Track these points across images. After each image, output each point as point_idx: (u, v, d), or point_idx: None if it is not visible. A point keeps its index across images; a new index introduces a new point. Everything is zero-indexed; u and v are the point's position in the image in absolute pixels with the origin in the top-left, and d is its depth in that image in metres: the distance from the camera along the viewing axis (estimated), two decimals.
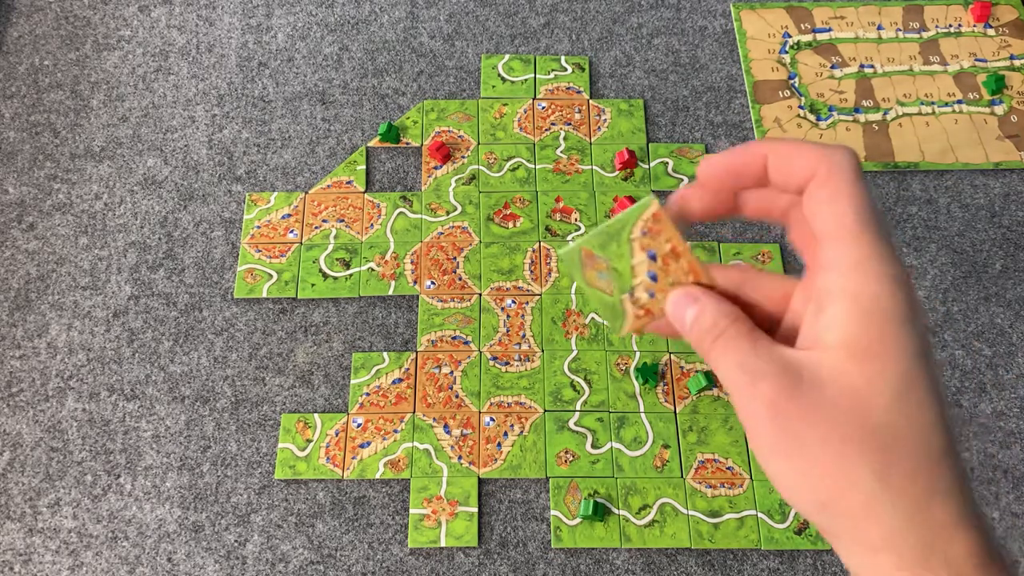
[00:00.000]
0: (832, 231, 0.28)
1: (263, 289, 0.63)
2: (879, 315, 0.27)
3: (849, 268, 0.27)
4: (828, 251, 0.28)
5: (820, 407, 0.27)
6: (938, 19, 0.75)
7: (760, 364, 0.28)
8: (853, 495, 0.26)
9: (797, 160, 0.29)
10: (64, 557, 0.55)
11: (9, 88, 0.72)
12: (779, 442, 0.27)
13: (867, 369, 0.27)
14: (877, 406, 0.26)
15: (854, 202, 0.28)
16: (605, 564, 0.54)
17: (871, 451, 0.26)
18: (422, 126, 0.70)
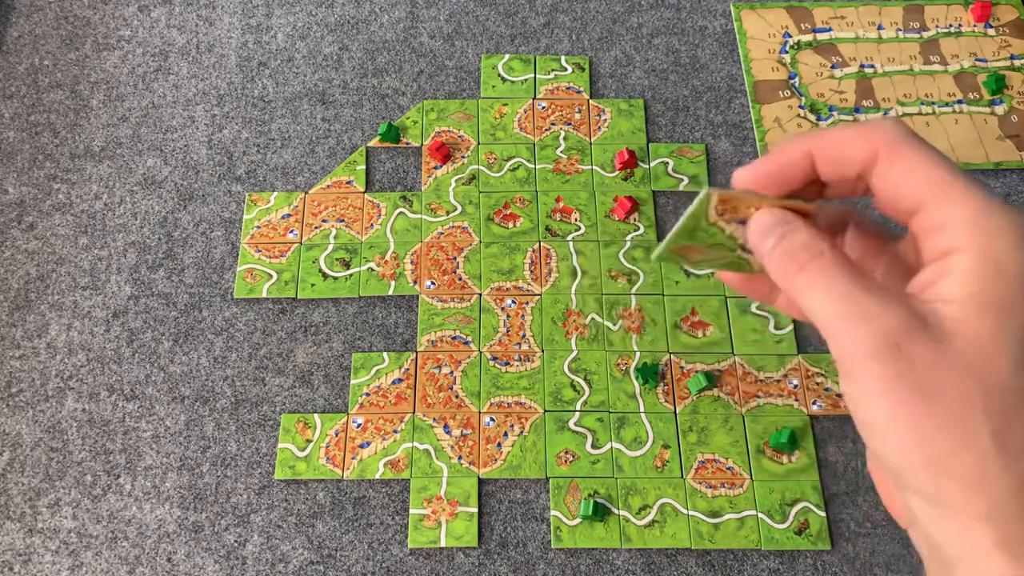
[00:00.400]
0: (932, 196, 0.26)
1: (263, 289, 0.63)
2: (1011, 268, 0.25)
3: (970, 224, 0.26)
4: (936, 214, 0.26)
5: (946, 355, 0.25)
6: (938, 19, 0.75)
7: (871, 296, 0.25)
8: (967, 455, 0.24)
9: (849, 149, 0.28)
10: (64, 557, 0.55)
11: (9, 88, 0.72)
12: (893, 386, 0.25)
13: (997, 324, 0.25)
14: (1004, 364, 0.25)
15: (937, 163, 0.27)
16: (605, 564, 0.54)
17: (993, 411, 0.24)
18: (422, 126, 0.70)
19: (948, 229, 0.26)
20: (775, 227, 0.28)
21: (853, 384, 0.26)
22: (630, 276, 0.63)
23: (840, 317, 0.26)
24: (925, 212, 0.27)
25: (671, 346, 0.61)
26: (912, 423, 0.25)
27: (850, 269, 0.26)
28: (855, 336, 0.25)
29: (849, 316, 0.25)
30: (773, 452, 0.57)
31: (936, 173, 0.26)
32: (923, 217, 0.27)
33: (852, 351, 0.25)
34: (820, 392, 0.59)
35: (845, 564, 0.54)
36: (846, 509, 0.56)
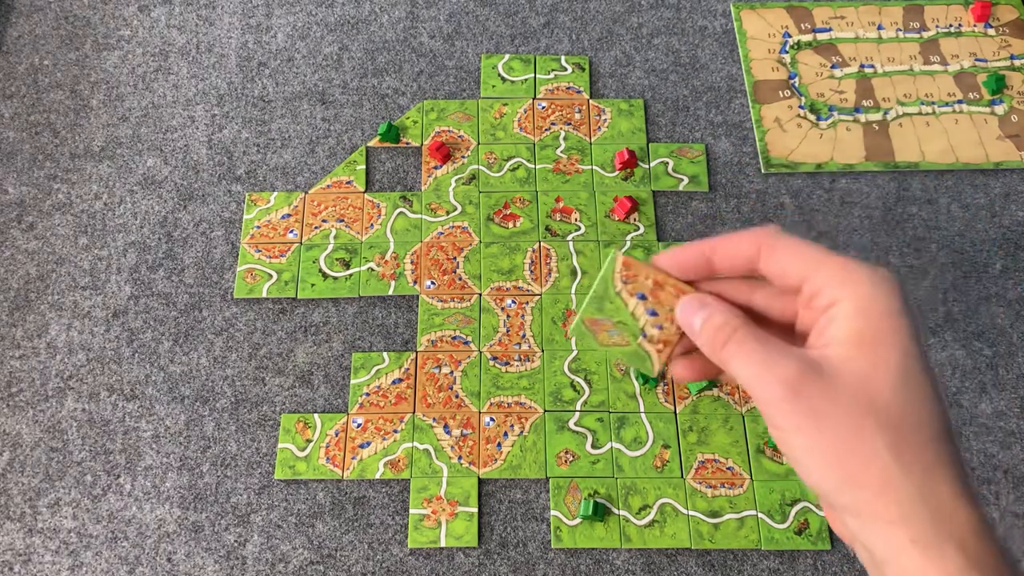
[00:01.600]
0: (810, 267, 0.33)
1: (263, 289, 0.63)
2: (875, 310, 0.31)
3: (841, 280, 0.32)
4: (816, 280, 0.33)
5: (837, 388, 0.30)
6: (938, 19, 0.75)
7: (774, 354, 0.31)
8: (872, 468, 0.29)
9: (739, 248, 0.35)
10: (64, 557, 0.55)
11: (9, 88, 0.72)
12: (802, 421, 0.30)
13: (872, 355, 0.30)
14: (885, 387, 0.30)
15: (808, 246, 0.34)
16: (605, 564, 0.54)
17: (884, 427, 0.29)
18: (422, 126, 0.70)
19: (826, 289, 0.32)
20: (698, 310, 0.34)
21: (775, 428, 0.32)
22: None
23: (754, 376, 0.32)
24: (808, 281, 0.33)
25: None
26: (822, 451, 0.30)
27: (757, 336, 0.33)
28: (765, 388, 0.31)
29: (759, 374, 0.31)
30: (773, 452, 0.57)
31: (808, 251, 0.33)
32: (807, 286, 0.33)
33: (766, 400, 0.31)
34: None
35: (845, 564, 0.54)
36: None
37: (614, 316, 0.37)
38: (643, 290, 0.37)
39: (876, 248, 0.65)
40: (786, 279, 0.34)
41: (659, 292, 0.36)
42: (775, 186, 0.67)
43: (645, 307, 0.37)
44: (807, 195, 0.67)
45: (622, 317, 0.37)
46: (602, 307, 0.37)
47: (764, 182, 0.68)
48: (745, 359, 0.32)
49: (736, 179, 0.68)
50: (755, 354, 0.32)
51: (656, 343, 0.37)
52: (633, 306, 0.37)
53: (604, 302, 0.37)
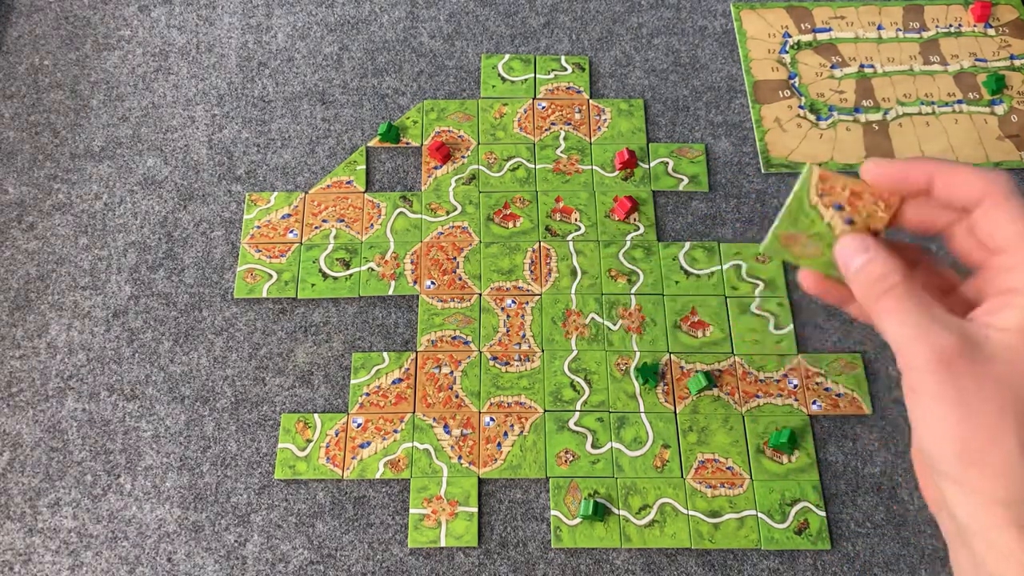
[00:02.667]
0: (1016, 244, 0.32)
1: (263, 289, 0.63)
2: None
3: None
4: (1013, 258, 0.32)
5: (990, 371, 0.30)
6: (938, 19, 0.75)
7: (932, 321, 0.31)
8: (995, 453, 0.29)
9: (966, 183, 0.33)
10: (64, 557, 0.55)
11: (9, 88, 0.72)
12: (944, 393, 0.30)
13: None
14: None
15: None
16: (605, 564, 0.55)
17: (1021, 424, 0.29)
18: (422, 126, 0.70)
19: (1016, 272, 0.31)
20: (858, 253, 0.34)
21: (912, 390, 0.31)
22: (630, 276, 0.63)
23: (906, 338, 0.31)
24: (1005, 255, 0.32)
25: (671, 346, 0.61)
26: (954, 423, 0.30)
27: (917, 298, 0.32)
28: (915, 353, 0.31)
29: (913, 337, 0.31)
30: (773, 452, 0.57)
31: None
32: (1002, 258, 0.32)
33: (912, 364, 0.31)
34: (820, 392, 0.59)
35: (845, 564, 0.54)
36: (846, 509, 0.56)
37: (810, 229, 0.36)
38: (840, 200, 0.36)
39: None
40: (990, 239, 0.33)
41: (856, 201, 0.36)
42: (775, 186, 0.67)
43: (842, 216, 0.36)
44: None
45: (818, 228, 0.36)
46: (797, 221, 0.37)
47: (764, 182, 0.68)
48: (901, 319, 0.32)
49: (736, 179, 0.68)
50: (912, 316, 0.31)
51: None
52: (830, 216, 0.36)
53: (799, 215, 0.37)
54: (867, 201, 0.36)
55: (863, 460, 0.57)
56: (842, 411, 0.59)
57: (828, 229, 0.36)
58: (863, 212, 0.36)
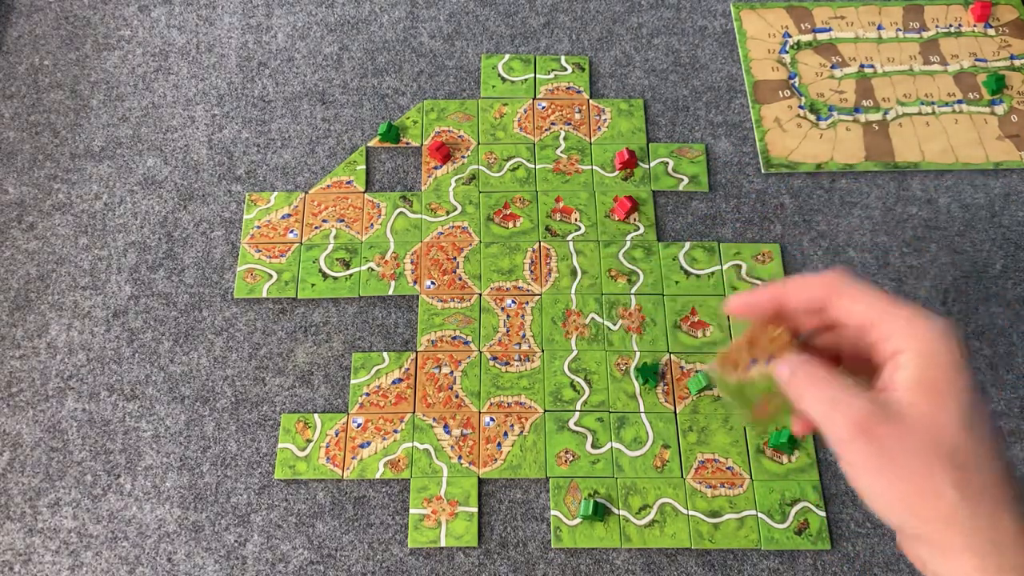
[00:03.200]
0: (877, 315, 0.35)
1: (263, 289, 0.63)
2: (940, 360, 0.33)
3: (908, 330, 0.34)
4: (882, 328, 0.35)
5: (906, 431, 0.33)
6: (938, 19, 0.75)
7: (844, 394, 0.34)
8: (939, 504, 0.32)
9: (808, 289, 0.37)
10: (64, 557, 0.55)
11: (9, 88, 0.72)
12: (872, 459, 0.33)
13: (938, 401, 0.33)
14: (951, 430, 0.32)
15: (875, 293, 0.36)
16: (605, 564, 0.54)
17: (951, 468, 0.32)
18: (422, 126, 0.70)
19: (893, 337, 0.34)
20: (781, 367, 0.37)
21: (845, 464, 0.34)
22: (630, 276, 0.63)
23: (824, 414, 0.34)
24: (875, 327, 0.35)
25: (671, 346, 0.61)
26: (892, 488, 0.33)
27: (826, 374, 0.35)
28: (836, 426, 0.34)
29: (830, 411, 0.34)
30: (773, 452, 0.57)
31: (876, 300, 0.35)
32: (873, 331, 0.35)
33: (838, 436, 0.34)
34: None
35: (845, 564, 0.54)
36: (846, 509, 0.56)
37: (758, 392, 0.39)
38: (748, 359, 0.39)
39: (875, 248, 0.65)
40: (854, 322, 0.36)
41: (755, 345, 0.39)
42: (775, 186, 0.67)
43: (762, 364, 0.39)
44: (807, 195, 0.67)
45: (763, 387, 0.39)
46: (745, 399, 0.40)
47: (764, 182, 0.68)
48: (815, 396, 0.35)
49: (736, 179, 0.68)
50: (825, 391, 0.35)
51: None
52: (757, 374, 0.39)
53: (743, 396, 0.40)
54: (763, 339, 0.39)
55: None
56: None
57: (768, 380, 0.39)
58: (769, 348, 0.39)
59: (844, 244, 0.65)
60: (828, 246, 0.65)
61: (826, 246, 0.65)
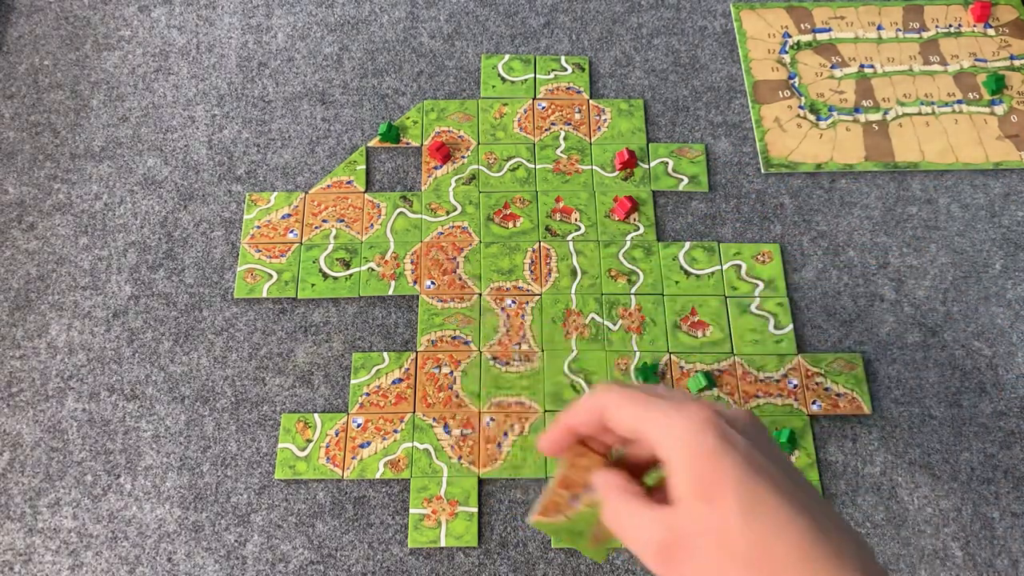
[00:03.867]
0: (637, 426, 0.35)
1: (263, 289, 0.63)
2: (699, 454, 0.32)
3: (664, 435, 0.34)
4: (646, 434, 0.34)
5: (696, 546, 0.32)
6: (938, 19, 0.75)
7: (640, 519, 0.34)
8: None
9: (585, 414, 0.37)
10: (64, 557, 0.55)
11: (9, 88, 0.72)
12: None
13: (712, 501, 0.32)
14: (733, 529, 0.31)
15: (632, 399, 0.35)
16: (605, 564, 0.54)
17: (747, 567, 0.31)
18: (422, 126, 0.70)
19: (656, 444, 0.34)
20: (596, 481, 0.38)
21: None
22: (630, 276, 0.63)
23: (630, 541, 0.34)
24: (642, 436, 0.35)
25: (671, 346, 0.61)
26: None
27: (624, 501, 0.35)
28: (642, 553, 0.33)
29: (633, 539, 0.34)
30: None
31: (633, 406, 0.35)
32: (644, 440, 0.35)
33: (647, 560, 0.33)
34: (820, 392, 0.59)
35: None
36: (846, 509, 0.56)
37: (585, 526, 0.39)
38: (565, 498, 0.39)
39: (875, 248, 0.65)
40: (627, 436, 0.36)
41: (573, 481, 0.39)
42: (775, 186, 0.67)
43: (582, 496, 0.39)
44: (807, 195, 0.67)
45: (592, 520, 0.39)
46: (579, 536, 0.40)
47: (764, 182, 0.68)
48: (618, 525, 0.35)
49: (736, 179, 0.68)
50: (623, 519, 0.35)
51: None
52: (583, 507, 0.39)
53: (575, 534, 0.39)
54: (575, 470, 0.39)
55: (863, 460, 0.57)
56: (842, 411, 0.59)
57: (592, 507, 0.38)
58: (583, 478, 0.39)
59: (844, 244, 0.65)
60: (828, 246, 0.65)
61: (826, 246, 0.65)
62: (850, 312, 0.62)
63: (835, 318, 0.62)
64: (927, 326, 0.62)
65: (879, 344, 0.61)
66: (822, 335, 0.62)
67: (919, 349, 0.61)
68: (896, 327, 0.62)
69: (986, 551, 0.55)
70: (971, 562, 0.54)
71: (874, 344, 0.61)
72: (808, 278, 0.64)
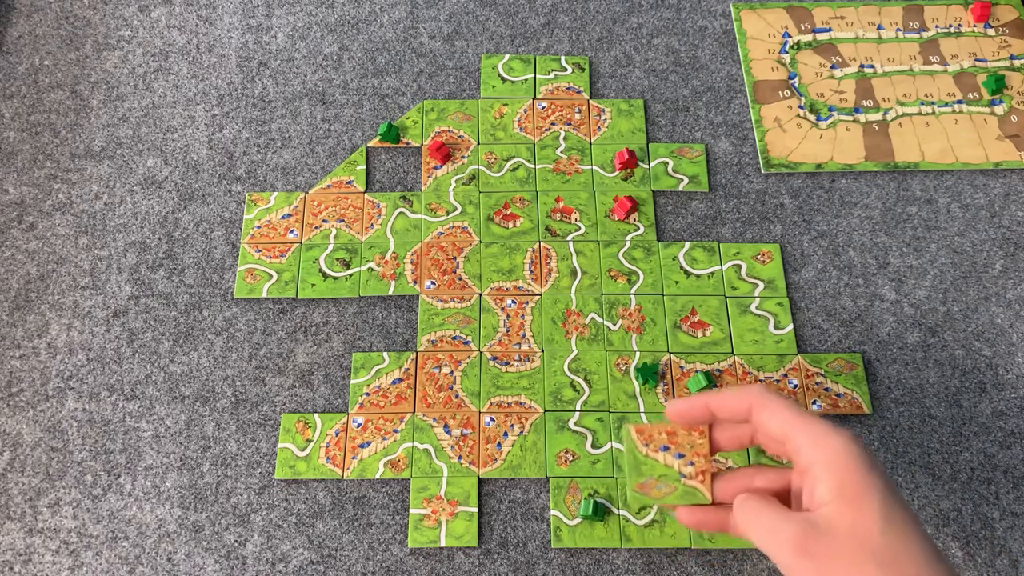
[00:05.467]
0: (789, 430, 0.40)
1: (263, 289, 0.63)
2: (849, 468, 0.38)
3: (814, 445, 0.39)
4: (794, 442, 0.40)
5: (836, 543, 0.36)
6: (938, 19, 0.75)
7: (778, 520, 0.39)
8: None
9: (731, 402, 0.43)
10: (64, 557, 0.55)
11: (9, 88, 0.72)
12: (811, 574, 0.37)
13: (856, 508, 0.37)
14: (874, 533, 0.36)
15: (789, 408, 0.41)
16: (605, 564, 0.55)
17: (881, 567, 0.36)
18: (422, 126, 0.70)
19: (804, 450, 0.39)
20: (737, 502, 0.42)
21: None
22: (630, 276, 0.63)
23: (767, 541, 0.39)
24: (789, 441, 0.40)
25: (671, 346, 0.61)
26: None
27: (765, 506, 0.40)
28: (778, 550, 0.38)
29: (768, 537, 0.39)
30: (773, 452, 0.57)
31: (788, 414, 0.40)
32: (789, 445, 0.40)
33: (780, 560, 0.38)
34: (820, 392, 0.59)
35: None
36: None
37: (654, 473, 0.44)
38: (663, 443, 0.45)
39: (875, 248, 0.65)
40: (772, 435, 0.41)
41: (675, 439, 0.45)
42: (775, 186, 0.67)
43: (672, 454, 0.44)
44: (807, 195, 0.67)
45: (660, 471, 0.44)
46: (640, 471, 0.45)
47: (764, 182, 0.68)
48: (757, 527, 0.40)
49: (736, 179, 0.68)
50: (763, 522, 0.39)
51: (696, 477, 0.44)
52: (663, 459, 0.44)
53: (639, 467, 0.45)
54: (683, 436, 0.45)
55: None
56: (842, 411, 0.59)
57: (667, 468, 0.44)
58: (686, 445, 0.44)
59: (844, 244, 0.65)
60: (828, 246, 0.65)
61: (826, 246, 0.65)
62: (850, 312, 0.62)
63: (835, 318, 0.62)
64: (927, 326, 0.62)
65: (879, 344, 0.61)
66: (822, 335, 0.62)
67: (919, 349, 0.61)
68: (896, 327, 0.62)
69: (986, 551, 0.55)
70: (971, 562, 0.54)
71: (874, 344, 0.61)
72: (808, 278, 0.64)
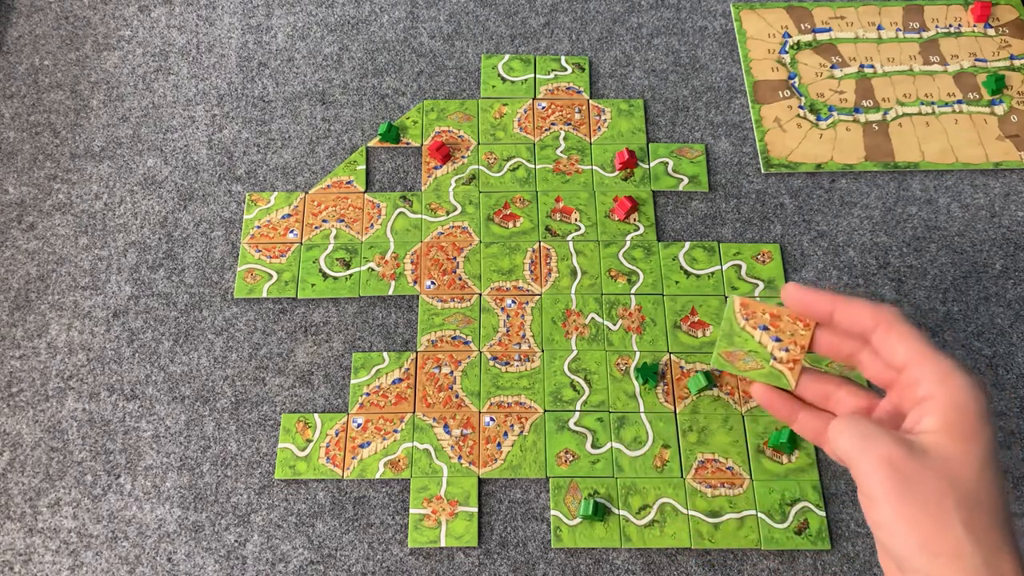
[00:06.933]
0: (914, 359, 0.40)
1: (263, 289, 0.63)
2: (968, 411, 0.37)
3: (939, 379, 0.38)
4: (916, 372, 0.39)
5: (927, 467, 0.36)
6: (938, 19, 0.75)
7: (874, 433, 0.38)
8: (947, 538, 0.35)
9: (861, 314, 0.42)
10: (64, 557, 0.55)
11: (9, 88, 0.72)
12: (893, 489, 0.36)
13: (961, 446, 0.37)
14: (967, 475, 0.36)
15: (919, 338, 0.40)
16: (605, 564, 0.55)
17: (962, 505, 0.35)
18: (422, 126, 0.70)
19: (925, 382, 0.39)
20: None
21: (867, 496, 0.38)
22: (630, 276, 0.63)
23: (856, 449, 0.38)
24: (908, 370, 0.40)
25: (671, 346, 0.61)
26: (907, 517, 0.36)
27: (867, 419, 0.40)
28: (866, 459, 0.38)
29: (862, 448, 0.38)
30: (773, 452, 0.57)
31: (917, 344, 0.40)
32: (906, 374, 0.40)
33: (864, 469, 0.38)
34: None
35: (845, 564, 0.54)
36: (846, 509, 0.56)
37: (744, 346, 0.45)
38: (763, 323, 0.45)
39: (875, 248, 0.65)
40: (892, 359, 0.41)
41: (778, 322, 0.44)
42: (775, 186, 0.67)
43: (769, 336, 0.44)
44: (807, 195, 0.67)
45: (752, 347, 0.45)
46: (732, 341, 0.45)
47: (764, 182, 0.68)
48: (850, 433, 0.39)
49: (736, 179, 0.68)
50: (857, 430, 0.39)
51: (787, 363, 0.44)
52: (759, 336, 0.45)
53: (732, 336, 0.45)
54: (786, 323, 0.44)
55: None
56: None
57: (761, 347, 0.45)
58: (786, 331, 0.44)
59: (844, 244, 0.65)
60: (828, 246, 0.65)
61: (826, 246, 0.65)
62: None
63: None
64: (927, 326, 0.62)
65: None
66: None
67: None
68: None
69: None
70: None
71: None
72: (808, 278, 0.64)
